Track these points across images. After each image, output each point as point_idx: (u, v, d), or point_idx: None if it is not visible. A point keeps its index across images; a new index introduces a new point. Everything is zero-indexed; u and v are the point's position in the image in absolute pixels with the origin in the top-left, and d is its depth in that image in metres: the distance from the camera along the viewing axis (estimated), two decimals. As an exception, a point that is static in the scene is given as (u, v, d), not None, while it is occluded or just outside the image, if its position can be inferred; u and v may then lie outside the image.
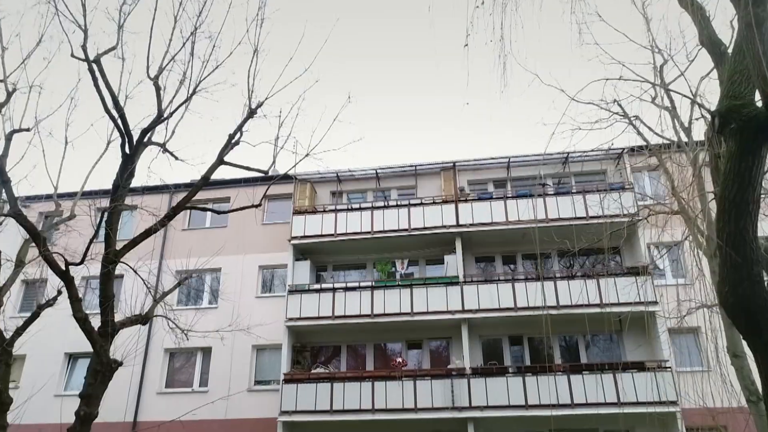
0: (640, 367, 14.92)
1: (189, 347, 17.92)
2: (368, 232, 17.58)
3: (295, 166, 12.37)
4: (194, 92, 12.35)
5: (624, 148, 17.49)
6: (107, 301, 10.33)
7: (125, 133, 10.35)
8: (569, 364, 15.57)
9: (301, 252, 18.39)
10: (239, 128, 11.82)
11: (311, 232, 17.91)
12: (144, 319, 11.81)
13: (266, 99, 12.02)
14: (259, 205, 12.23)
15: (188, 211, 20.36)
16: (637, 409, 12.82)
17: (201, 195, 21.51)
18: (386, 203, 18.21)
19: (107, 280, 10.80)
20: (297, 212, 18.32)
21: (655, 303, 15.30)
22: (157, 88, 10.32)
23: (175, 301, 18.89)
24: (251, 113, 11.88)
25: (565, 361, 16.55)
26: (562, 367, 15.35)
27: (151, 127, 10.38)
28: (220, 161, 11.67)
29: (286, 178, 19.53)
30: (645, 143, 10.99)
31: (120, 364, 11.16)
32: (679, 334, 15.15)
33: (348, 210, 18.13)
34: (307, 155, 12.29)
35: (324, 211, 18.34)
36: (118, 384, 17.78)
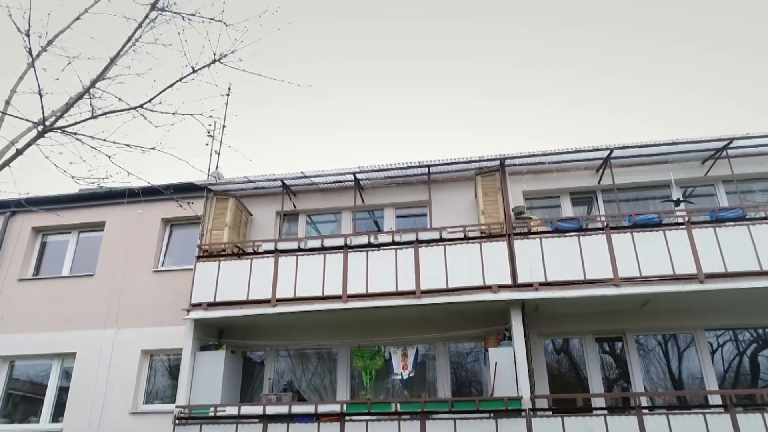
0: None
1: None
2: (338, 298, 8.87)
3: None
4: None
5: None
6: None
7: None
8: None
9: (214, 331, 9.74)
10: None
11: (229, 296, 9.19)
12: None
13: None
14: None
15: (31, 250, 11.83)
16: None
17: (57, 219, 12.93)
18: (373, 238, 9.45)
19: None
20: (204, 255, 9.59)
21: None
22: None
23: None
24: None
25: None
26: None
27: None
28: None
29: (194, 189, 10.92)
30: None
31: None
32: None
33: (299, 251, 9.41)
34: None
35: (255, 253, 9.64)
36: None
